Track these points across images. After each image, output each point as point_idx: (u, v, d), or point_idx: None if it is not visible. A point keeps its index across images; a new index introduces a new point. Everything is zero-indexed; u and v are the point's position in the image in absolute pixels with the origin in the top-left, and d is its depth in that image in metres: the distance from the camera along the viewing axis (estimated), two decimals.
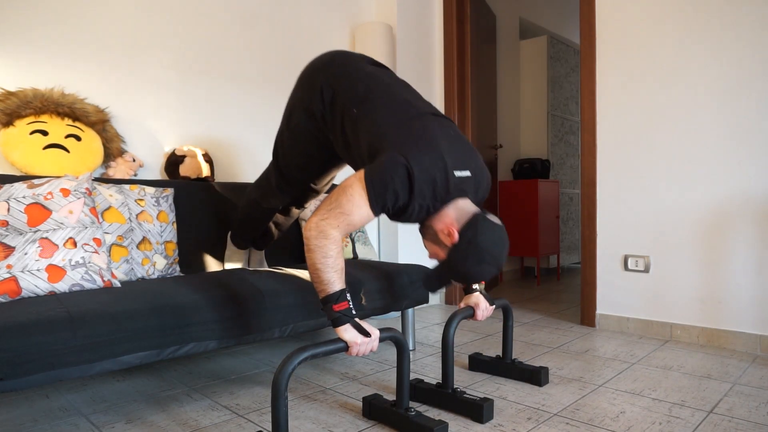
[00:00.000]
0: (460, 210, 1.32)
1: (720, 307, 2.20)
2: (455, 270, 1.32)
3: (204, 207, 2.15)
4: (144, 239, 1.81)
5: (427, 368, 1.95)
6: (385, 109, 1.37)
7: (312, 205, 2.26)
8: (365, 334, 1.28)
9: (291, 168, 1.68)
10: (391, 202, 1.26)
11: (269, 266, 2.25)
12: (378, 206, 1.26)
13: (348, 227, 1.27)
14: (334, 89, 1.47)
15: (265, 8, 2.70)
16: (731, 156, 2.16)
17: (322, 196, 2.17)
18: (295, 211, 1.99)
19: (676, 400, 1.59)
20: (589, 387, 1.72)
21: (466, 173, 1.32)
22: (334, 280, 1.26)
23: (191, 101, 2.42)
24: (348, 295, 1.29)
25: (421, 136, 1.30)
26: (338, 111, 1.45)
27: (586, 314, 2.61)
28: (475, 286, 1.65)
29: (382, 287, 1.92)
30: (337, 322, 1.26)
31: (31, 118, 1.88)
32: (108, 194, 1.77)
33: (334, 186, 2.19)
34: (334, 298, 1.26)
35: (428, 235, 1.38)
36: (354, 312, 1.28)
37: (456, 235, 1.29)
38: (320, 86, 1.49)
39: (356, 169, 1.45)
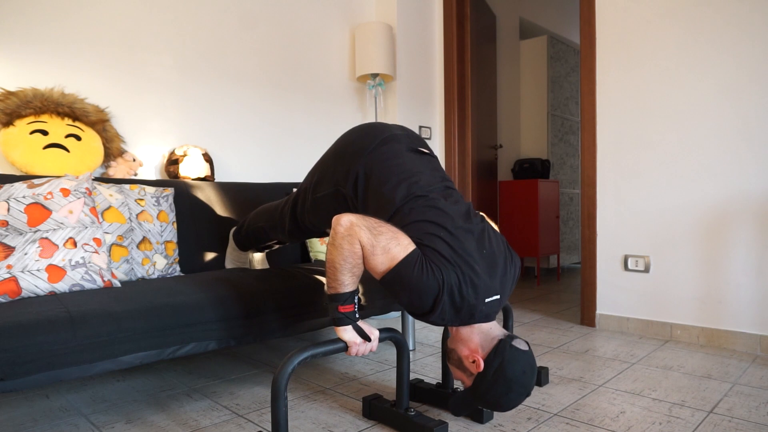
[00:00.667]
0: (485, 335, 1.27)
1: (720, 307, 2.19)
2: (483, 399, 1.27)
3: (204, 207, 2.15)
4: (144, 239, 1.81)
5: (427, 368, 1.95)
6: (423, 222, 1.28)
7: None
8: (365, 336, 1.28)
9: (308, 224, 1.63)
10: (409, 292, 1.21)
11: (270, 266, 2.25)
12: (394, 277, 1.20)
13: (369, 254, 1.20)
14: (369, 180, 1.39)
15: (265, 8, 2.70)
16: (731, 156, 2.16)
17: None
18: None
19: (676, 400, 1.59)
20: (589, 387, 1.72)
21: (496, 297, 1.27)
22: (348, 282, 1.24)
23: (191, 101, 2.42)
24: (356, 298, 1.27)
25: (460, 257, 1.22)
26: (371, 205, 1.37)
27: (586, 314, 2.61)
28: None
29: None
30: (339, 323, 1.27)
31: (31, 118, 1.88)
32: (108, 194, 1.77)
33: None
34: (342, 299, 1.25)
35: (452, 359, 1.33)
36: (357, 316, 1.28)
37: (482, 364, 1.24)
38: (356, 173, 1.42)
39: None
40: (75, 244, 1.49)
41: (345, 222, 1.21)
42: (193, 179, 2.26)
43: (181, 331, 1.38)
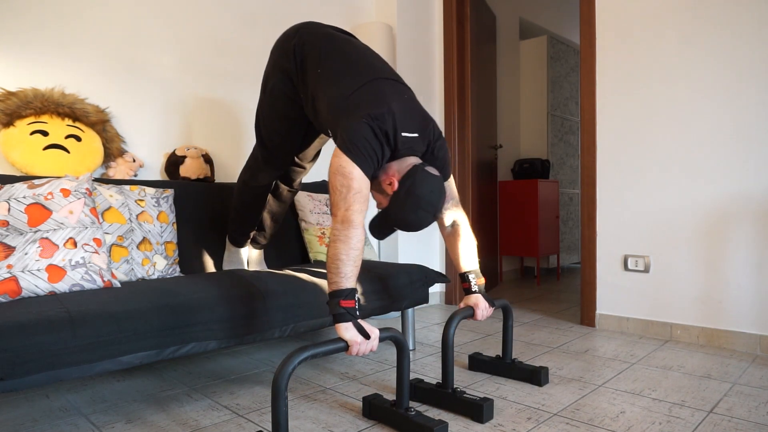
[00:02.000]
0: (402, 162, 1.41)
1: (720, 307, 2.20)
2: (395, 217, 1.41)
3: (204, 207, 2.15)
4: (144, 239, 1.81)
5: (427, 368, 1.95)
6: (345, 71, 1.48)
7: (301, 178, 2.25)
8: (365, 335, 1.28)
9: (273, 136, 1.74)
10: (375, 152, 1.34)
11: (268, 267, 2.26)
12: (367, 162, 1.33)
13: (363, 202, 1.33)
14: (303, 50, 1.57)
15: (265, 8, 2.70)
16: (731, 156, 2.16)
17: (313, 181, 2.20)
18: (286, 194, 2.00)
19: (676, 400, 1.59)
20: (589, 387, 1.73)
21: (414, 135, 1.41)
22: (351, 276, 1.29)
23: (192, 101, 2.42)
24: (357, 295, 1.30)
25: (375, 97, 1.39)
26: (307, 71, 1.55)
27: (586, 314, 2.61)
28: (475, 288, 1.65)
29: (382, 287, 1.92)
30: (340, 318, 1.27)
31: (32, 119, 1.88)
32: (108, 194, 1.77)
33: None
34: (344, 294, 1.28)
35: (374, 185, 1.45)
36: (358, 313, 1.29)
37: (396, 185, 1.39)
38: (292, 48, 1.59)
39: (323, 131, 1.61)
40: (75, 245, 1.49)
41: (335, 224, 1.32)
42: (193, 180, 2.26)
43: (181, 331, 1.38)
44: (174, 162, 2.25)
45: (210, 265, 2.09)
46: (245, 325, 1.51)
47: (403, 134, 1.39)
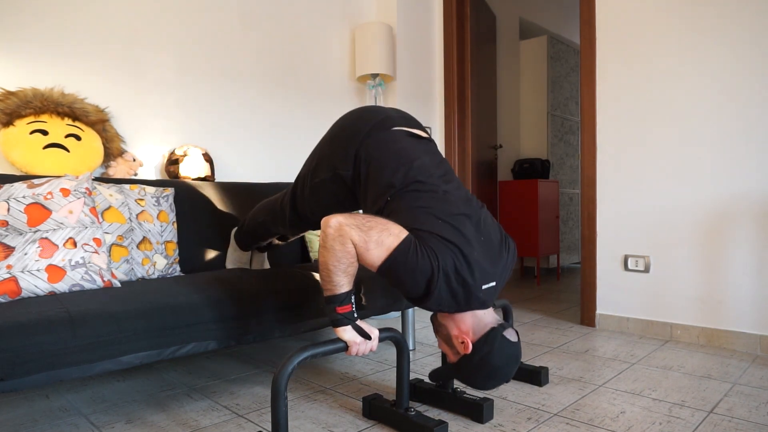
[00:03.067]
0: (478, 318, 1.30)
1: (720, 307, 2.19)
2: (463, 377, 1.32)
3: (204, 207, 2.14)
4: (144, 239, 1.81)
5: (427, 368, 1.95)
6: (422, 207, 1.28)
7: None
8: (365, 335, 1.28)
9: (308, 213, 1.62)
10: (409, 276, 1.21)
11: (270, 266, 2.25)
12: (392, 265, 1.20)
13: (363, 251, 1.20)
14: (369, 165, 1.39)
15: (265, 8, 2.70)
16: (731, 156, 2.16)
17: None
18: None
19: (676, 400, 1.59)
20: (589, 387, 1.72)
21: (492, 284, 1.28)
22: (343, 283, 1.24)
23: (191, 101, 2.42)
24: (353, 297, 1.28)
25: (458, 241, 1.22)
26: (371, 189, 1.38)
27: (586, 314, 2.61)
28: None
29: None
30: (338, 323, 1.27)
31: (31, 118, 1.88)
32: (108, 194, 1.77)
33: None
34: (339, 300, 1.25)
35: (441, 333, 1.36)
36: (356, 315, 1.28)
37: (470, 347, 1.27)
38: (354, 156, 1.42)
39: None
40: (75, 244, 1.49)
41: (334, 223, 1.21)
42: (193, 179, 2.26)
43: (181, 331, 1.37)
44: (174, 161, 2.25)
45: (210, 265, 2.09)
46: (245, 325, 1.51)
47: (483, 287, 1.25)
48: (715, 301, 2.21)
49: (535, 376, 1.74)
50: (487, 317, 1.31)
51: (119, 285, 1.57)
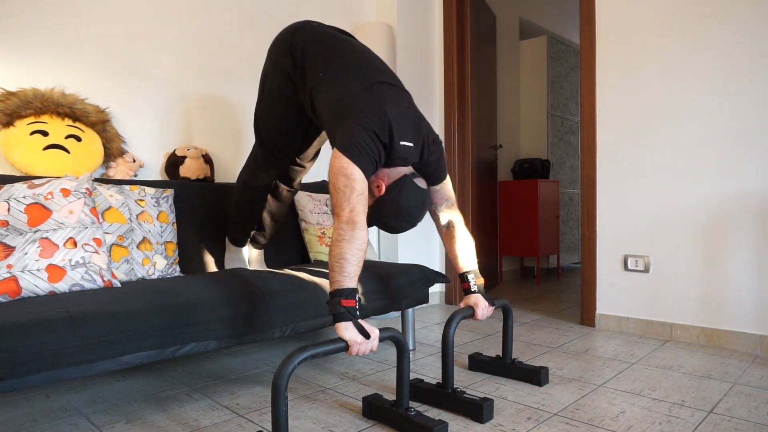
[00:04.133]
0: (394, 169, 1.44)
1: (720, 307, 2.20)
2: (375, 217, 1.45)
3: (204, 207, 2.15)
4: (144, 239, 1.81)
5: (427, 368, 1.95)
6: (345, 77, 1.48)
7: (300, 178, 2.25)
8: (365, 335, 1.28)
9: (273, 135, 1.75)
10: (373, 156, 1.36)
11: (268, 267, 2.26)
12: (367, 164, 1.35)
13: (365, 203, 1.35)
14: (303, 50, 1.57)
15: (265, 8, 2.70)
16: (731, 156, 2.16)
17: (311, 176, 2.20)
18: (286, 193, 2.00)
19: (676, 400, 1.59)
20: (589, 387, 1.73)
21: (410, 144, 1.44)
22: (354, 276, 1.30)
23: (192, 101, 2.42)
24: (357, 295, 1.30)
25: (374, 105, 1.40)
26: (307, 72, 1.56)
27: (586, 314, 2.61)
28: (474, 288, 1.65)
29: (382, 287, 1.92)
30: (340, 318, 1.27)
31: (32, 119, 1.88)
32: (108, 194, 1.77)
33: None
34: (346, 293, 1.27)
35: None
36: (358, 313, 1.29)
37: (383, 189, 1.42)
38: (291, 48, 1.60)
39: (323, 129, 1.60)
40: (75, 244, 1.49)
41: (340, 224, 1.32)
42: (193, 180, 2.26)
43: (181, 331, 1.38)
44: (174, 162, 2.25)
45: (210, 265, 2.09)
46: (245, 325, 1.51)
47: (401, 143, 1.41)
48: (715, 301, 2.21)
49: (535, 376, 1.74)
50: (402, 168, 1.45)
51: (119, 285, 1.57)
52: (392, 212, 1.42)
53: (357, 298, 1.29)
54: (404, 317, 2.15)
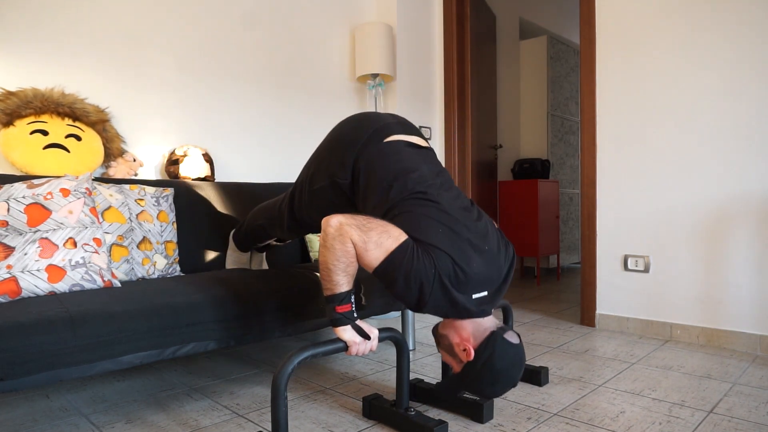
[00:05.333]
0: (477, 324, 1.30)
1: (720, 307, 2.19)
2: (469, 386, 1.32)
3: (204, 207, 2.15)
4: (144, 239, 1.81)
5: (427, 368, 1.95)
6: (422, 215, 1.28)
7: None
8: (364, 335, 1.28)
9: (306, 218, 1.63)
10: (403, 279, 1.21)
11: (269, 266, 2.25)
12: (388, 267, 1.21)
13: (362, 251, 1.21)
14: (367, 175, 1.39)
15: (266, 8, 2.70)
16: (731, 156, 2.16)
17: None
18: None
19: (676, 400, 1.59)
20: (589, 387, 1.72)
21: (483, 294, 1.28)
22: (343, 282, 1.25)
23: (191, 101, 2.42)
24: (353, 297, 1.28)
25: (456, 253, 1.22)
26: (370, 198, 1.38)
27: (586, 314, 2.61)
28: None
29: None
30: (337, 323, 1.27)
31: (31, 118, 1.88)
32: (108, 194, 1.77)
33: None
34: (339, 299, 1.25)
35: (443, 344, 1.37)
36: (356, 315, 1.28)
37: (472, 354, 1.27)
38: (352, 165, 1.42)
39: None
40: (75, 244, 1.49)
41: (334, 223, 1.23)
42: (193, 179, 2.26)
43: (181, 331, 1.37)
44: (174, 161, 2.25)
45: (211, 265, 2.09)
46: (245, 325, 1.51)
47: (474, 296, 1.26)
48: (715, 301, 2.21)
49: (535, 376, 1.74)
50: (487, 322, 1.31)
51: (119, 285, 1.57)
52: (489, 378, 1.26)
53: (352, 301, 1.27)
54: (404, 317, 2.15)
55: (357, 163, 1.42)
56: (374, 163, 1.39)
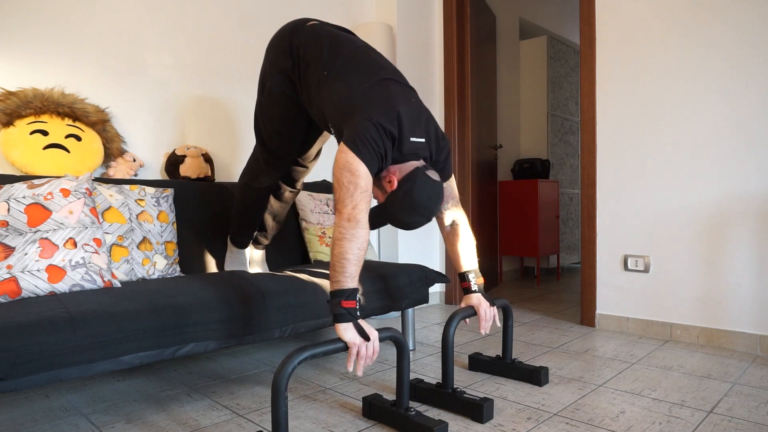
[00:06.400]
0: (406, 164, 1.41)
1: (720, 307, 2.20)
2: (390, 215, 1.42)
3: (204, 207, 2.15)
4: (144, 239, 1.81)
5: (427, 368, 1.95)
6: (351, 74, 1.46)
7: (303, 181, 2.23)
8: (365, 336, 1.28)
9: (274, 136, 1.73)
10: (380, 151, 1.33)
11: (269, 268, 2.26)
12: (374, 160, 1.32)
13: (368, 201, 1.33)
14: (304, 49, 1.55)
15: (265, 8, 2.70)
16: (731, 156, 2.16)
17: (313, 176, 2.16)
18: (288, 194, 1.97)
19: (676, 400, 1.59)
20: (589, 387, 1.73)
21: (421, 140, 1.42)
22: (355, 276, 1.29)
23: (192, 101, 2.42)
24: (357, 295, 1.29)
25: (383, 100, 1.38)
26: (309, 70, 1.53)
27: (586, 314, 2.61)
28: (475, 287, 1.65)
29: (382, 287, 1.92)
30: (341, 319, 1.27)
31: (31, 118, 1.88)
32: (108, 194, 1.77)
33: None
34: (346, 294, 1.27)
35: (374, 180, 1.44)
36: (359, 314, 1.29)
37: (395, 184, 1.39)
38: (290, 47, 1.58)
39: (326, 129, 1.59)
40: (75, 245, 1.49)
41: (341, 221, 1.30)
42: (193, 179, 2.26)
43: (181, 331, 1.38)
44: (174, 161, 2.25)
45: (210, 265, 2.09)
46: (245, 325, 1.51)
47: (411, 139, 1.38)
48: (715, 301, 2.21)
49: (535, 376, 1.74)
50: (412, 162, 1.42)
51: (119, 285, 1.57)
52: (406, 206, 1.38)
53: (357, 299, 1.29)
54: (404, 317, 2.15)
55: (292, 42, 1.58)
56: (308, 40, 1.56)
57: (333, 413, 1.53)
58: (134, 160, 2.16)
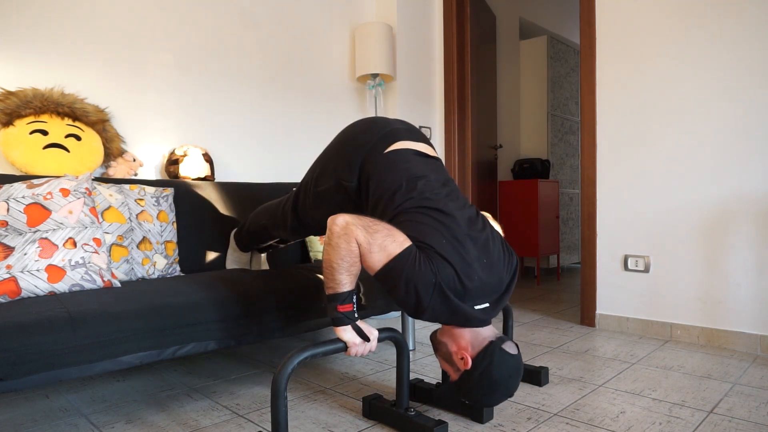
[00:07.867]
0: (476, 333, 1.29)
1: (720, 307, 2.19)
2: (466, 394, 1.31)
3: (204, 207, 2.14)
4: (144, 239, 1.81)
5: (427, 368, 1.95)
6: (427, 225, 1.27)
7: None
8: (364, 337, 1.28)
9: (310, 219, 1.63)
10: (404, 285, 1.21)
11: (270, 267, 2.25)
12: (390, 271, 1.21)
13: (366, 252, 1.21)
14: (375, 180, 1.38)
15: (266, 8, 2.70)
16: (731, 156, 2.16)
17: None
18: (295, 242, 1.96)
19: (676, 400, 1.59)
20: (589, 387, 1.72)
21: (485, 305, 1.29)
22: (346, 282, 1.25)
23: (191, 101, 2.41)
24: (355, 297, 1.28)
25: (459, 264, 1.22)
26: (376, 204, 1.38)
27: (586, 314, 2.61)
28: None
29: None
30: (338, 322, 1.27)
31: (31, 118, 1.88)
32: (108, 194, 1.77)
33: None
34: (341, 298, 1.25)
35: (440, 351, 1.36)
36: (356, 315, 1.28)
37: (470, 363, 1.26)
38: (359, 169, 1.43)
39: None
40: (75, 245, 1.49)
41: (341, 222, 1.23)
42: (193, 179, 2.26)
43: (181, 331, 1.38)
44: (174, 161, 2.25)
45: (210, 265, 2.09)
46: (245, 326, 1.51)
47: (477, 307, 1.27)
48: (715, 301, 2.21)
49: (535, 376, 1.74)
50: (486, 332, 1.30)
51: (119, 285, 1.57)
52: (485, 387, 1.26)
53: (354, 300, 1.28)
54: (404, 317, 2.15)
55: (364, 166, 1.42)
56: (382, 170, 1.39)
57: (333, 413, 1.53)
58: (134, 160, 2.16)
